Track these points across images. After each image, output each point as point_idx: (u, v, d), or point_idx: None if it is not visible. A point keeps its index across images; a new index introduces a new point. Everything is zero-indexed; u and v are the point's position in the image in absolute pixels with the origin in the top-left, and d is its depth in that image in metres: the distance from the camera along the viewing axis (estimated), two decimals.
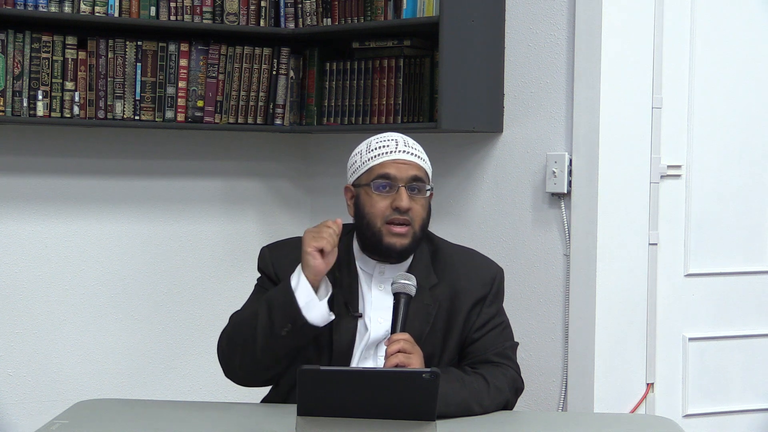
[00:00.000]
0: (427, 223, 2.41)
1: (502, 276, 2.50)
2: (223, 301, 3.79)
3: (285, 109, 3.64)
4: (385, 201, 2.36)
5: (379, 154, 2.39)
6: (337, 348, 2.36)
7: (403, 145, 2.40)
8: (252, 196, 3.89)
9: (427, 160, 2.44)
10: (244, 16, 3.55)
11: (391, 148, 2.39)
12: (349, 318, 2.38)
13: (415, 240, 2.38)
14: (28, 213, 3.55)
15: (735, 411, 3.33)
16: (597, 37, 3.19)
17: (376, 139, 2.43)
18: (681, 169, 3.27)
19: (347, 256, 2.43)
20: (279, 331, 2.27)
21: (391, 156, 2.38)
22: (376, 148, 2.40)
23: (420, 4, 3.35)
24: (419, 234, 2.38)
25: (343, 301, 2.38)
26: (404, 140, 2.42)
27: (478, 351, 2.42)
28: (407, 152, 2.39)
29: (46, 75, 3.34)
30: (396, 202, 2.34)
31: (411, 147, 2.41)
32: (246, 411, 2.32)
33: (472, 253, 2.55)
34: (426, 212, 2.40)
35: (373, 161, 2.39)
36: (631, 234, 3.23)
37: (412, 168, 2.38)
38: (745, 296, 3.34)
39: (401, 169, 2.37)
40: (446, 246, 2.52)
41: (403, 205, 2.34)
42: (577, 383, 3.26)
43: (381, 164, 2.38)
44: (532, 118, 3.38)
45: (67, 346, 3.61)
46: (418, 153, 2.41)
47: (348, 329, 2.37)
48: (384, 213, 2.35)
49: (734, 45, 3.29)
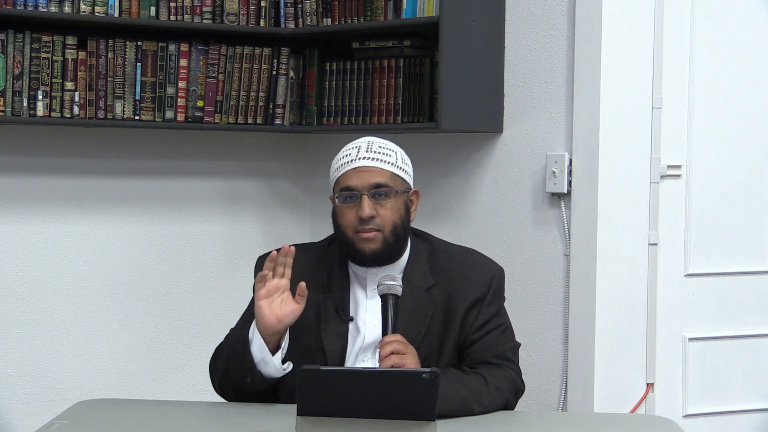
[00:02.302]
0: (401, 224, 2.39)
1: (502, 276, 2.49)
2: (223, 301, 3.80)
3: (285, 109, 3.64)
4: (352, 212, 2.37)
5: (341, 165, 2.40)
6: (330, 353, 2.36)
7: (365, 150, 2.38)
8: (252, 196, 3.89)
9: (397, 162, 2.40)
10: (244, 16, 3.55)
11: (352, 156, 2.39)
12: (338, 322, 2.38)
13: (387, 243, 2.37)
14: (28, 213, 3.55)
15: (735, 411, 3.33)
16: (597, 37, 3.19)
17: (344, 149, 2.42)
18: (681, 169, 3.27)
19: (340, 261, 2.44)
20: (243, 381, 2.31)
21: (351, 165, 2.38)
22: (340, 158, 2.41)
23: (420, 4, 3.35)
24: (390, 237, 2.37)
25: (333, 305, 2.39)
26: (369, 145, 2.40)
27: (478, 352, 2.41)
28: (369, 158, 2.37)
29: (46, 75, 3.34)
30: (358, 212, 2.35)
31: (375, 152, 2.38)
32: (246, 411, 2.32)
33: (472, 253, 2.53)
34: (398, 214, 2.38)
35: (337, 173, 2.40)
36: (631, 234, 3.23)
37: (375, 175, 2.36)
38: (745, 296, 3.34)
39: (363, 177, 2.36)
40: (445, 246, 2.52)
41: (364, 215, 2.34)
42: (577, 383, 3.26)
43: (344, 175, 2.38)
44: (532, 118, 3.38)
45: (67, 346, 3.60)
46: (383, 157, 2.38)
47: (339, 334, 2.38)
48: (353, 224, 2.36)
49: (734, 45, 3.29)
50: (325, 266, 2.44)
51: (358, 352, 2.38)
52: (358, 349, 2.38)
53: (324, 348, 2.36)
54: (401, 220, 2.39)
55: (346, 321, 2.39)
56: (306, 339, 2.37)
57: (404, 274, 2.41)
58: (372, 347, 2.36)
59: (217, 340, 2.46)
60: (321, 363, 2.35)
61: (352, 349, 2.38)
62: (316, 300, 2.38)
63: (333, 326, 2.38)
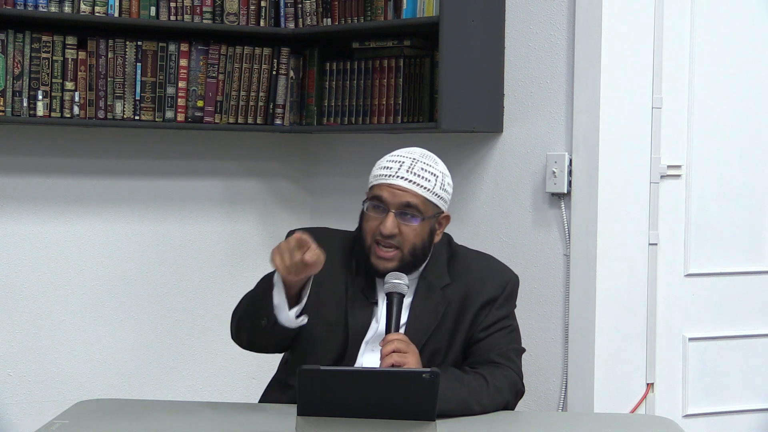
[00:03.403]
0: (421, 247, 2.42)
1: (517, 283, 2.54)
2: (223, 301, 3.79)
3: (285, 109, 3.64)
4: (376, 221, 2.40)
5: (379, 175, 2.43)
6: (353, 327, 2.40)
7: (406, 171, 2.40)
8: (252, 196, 3.89)
9: (434, 188, 2.42)
10: (244, 16, 3.55)
11: (393, 171, 2.41)
12: (365, 302, 2.43)
13: (404, 262, 2.40)
14: (28, 213, 3.55)
15: (735, 411, 3.33)
16: (597, 37, 3.19)
17: (389, 156, 2.45)
18: (681, 169, 3.27)
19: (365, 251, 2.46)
20: (259, 322, 2.34)
21: (387, 180, 2.40)
22: (381, 167, 2.44)
23: (420, 4, 3.35)
24: (408, 257, 2.40)
25: (359, 288, 2.43)
26: (412, 164, 2.41)
27: (482, 350, 2.44)
28: (406, 179, 2.39)
29: (46, 75, 3.34)
30: (380, 227, 2.39)
31: (415, 175, 2.40)
32: (246, 411, 2.33)
33: (489, 259, 2.59)
34: (420, 238, 2.40)
35: (374, 180, 2.44)
36: (631, 234, 3.23)
37: (408, 196, 2.39)
38: (745, 296, 3.34)
39: (395, 195, 2.39)
40: (465, 251, 2.57)
41: (386, 231, 2.38)
42: (577, 383, 3.26)
43: (378, 185, 2.42)
44: (532, 118, 3.38)
45: (67, 346, 3.60)
46: (421, 182, 2.40)
47: (364, 314, 2.42)
48: (373, 232, 2.41)
49: (734, 45, 3.29)
50: (353, 253, 2.49)
51: (371, 339, 2.41)
52: (373, 334, 2.41)
53: (348, 323, 2.40)
54: (422, 243, 2.42)
55: (372, 303, 2.43)
56: (329, 314, 2.41)
57: (421, 272, 2.46)
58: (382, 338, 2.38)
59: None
60: (342, 338, 2.40)
61: (369, 334, 2.42)
62: (345, 278, 2.44)
63: (359, 305, 2.43)
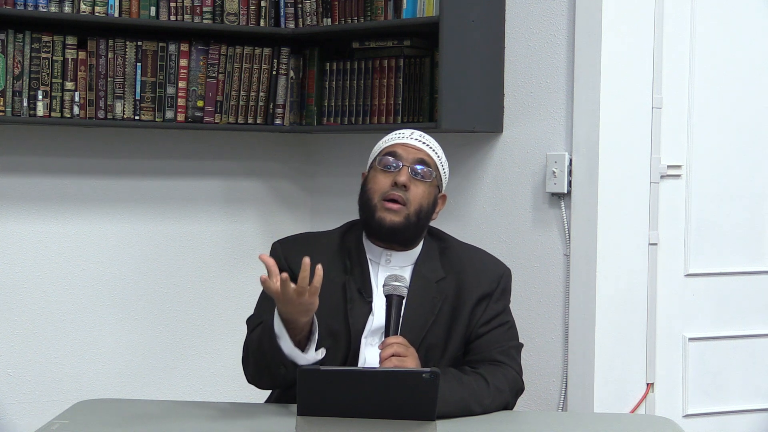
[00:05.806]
0: (425, 211, 2.43)
1: (510, 276, 2.54)
2: (223, 301, 3.80)
3: (285, 109, 3.64)
4: (388, 178, 2.42)
5: (391, 138, 2.49)
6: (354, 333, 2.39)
7: (419, 135, 2.49)
8: (252, 196, 3.89)
9: (441, 159, 2.50)
10: (244, 16, 3.55)
11: (405, 135, 2.49)
12: (363, 303, 2.42)
13: (408, 222, 2.40)
14: (28, 213, 3.55)
15: (735, 411, 3.33)
16: (597, 37, 3.19)
17: (393, 132, 2.52)
18: (681, 169, 3.27)
19: (357, 246, 2.47)
20: (277, 371, 2.27)
21: (402, 140, 2.48)
22: (392, 135, 2.51)
23: (420, 4, 3.35)
24: (413, 217, 2.41)
25: (356, 287, 2.42)
26: (421, 133, 2.50)
27: (483, 347, 2.44)
28: (420, 141, 2.47)
29: (46, 75, 3.34)
30: (396, 177, 2.41)
31: (426, 140, 2.49)
32: (246, 411, 2.32)
33: (481, 252, 2.59)
34: (426, 201, 2.43)
35: (385, 144, 2.49)
36: (631, 234, 3.23)
37: (422, 153, 2.45)
38: (745, 296, 3.34)
39: (410, 152, 2.45)
40: (456, 244, 2.56)
41: (401, 180, 2.40)
42: (577, 383, 3.26)
43: (392, 145, 2.48)
44: (532, 118, 3.38)
45: (67, 346, 3.60)
46: (432, 145, 2.49)
47: (362, 313, 2.41)
48: (383, 189, 2.41)
49: (734, 45, 3.29)
50: (345, 250, 2.48)
51: (368, 335, 2.40)
52: (368, 331, 2.41)
53: (350, 328, 2.39)
54: (427, 208, 2.44)
55: (369, 302, 2.42)
56: (330, 322, 2.38)
57: (415, 266, 2.45)
58: (381, 331, 2.38)
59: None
60: (344, 343, 2.39)
61: (367, 330, 2.41)
62: (341, 280, 2.43)
63: (358, 307, 2.41)
